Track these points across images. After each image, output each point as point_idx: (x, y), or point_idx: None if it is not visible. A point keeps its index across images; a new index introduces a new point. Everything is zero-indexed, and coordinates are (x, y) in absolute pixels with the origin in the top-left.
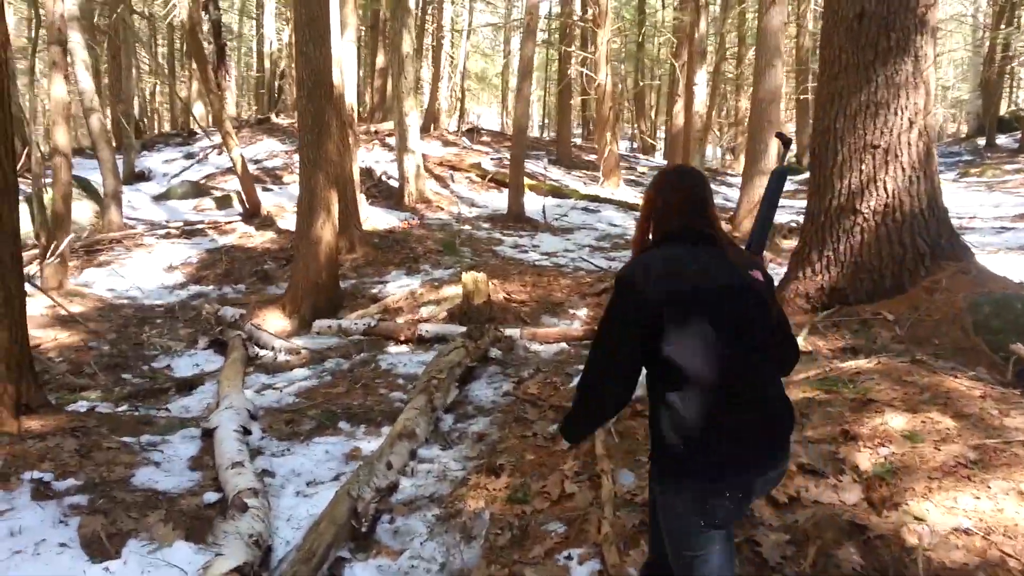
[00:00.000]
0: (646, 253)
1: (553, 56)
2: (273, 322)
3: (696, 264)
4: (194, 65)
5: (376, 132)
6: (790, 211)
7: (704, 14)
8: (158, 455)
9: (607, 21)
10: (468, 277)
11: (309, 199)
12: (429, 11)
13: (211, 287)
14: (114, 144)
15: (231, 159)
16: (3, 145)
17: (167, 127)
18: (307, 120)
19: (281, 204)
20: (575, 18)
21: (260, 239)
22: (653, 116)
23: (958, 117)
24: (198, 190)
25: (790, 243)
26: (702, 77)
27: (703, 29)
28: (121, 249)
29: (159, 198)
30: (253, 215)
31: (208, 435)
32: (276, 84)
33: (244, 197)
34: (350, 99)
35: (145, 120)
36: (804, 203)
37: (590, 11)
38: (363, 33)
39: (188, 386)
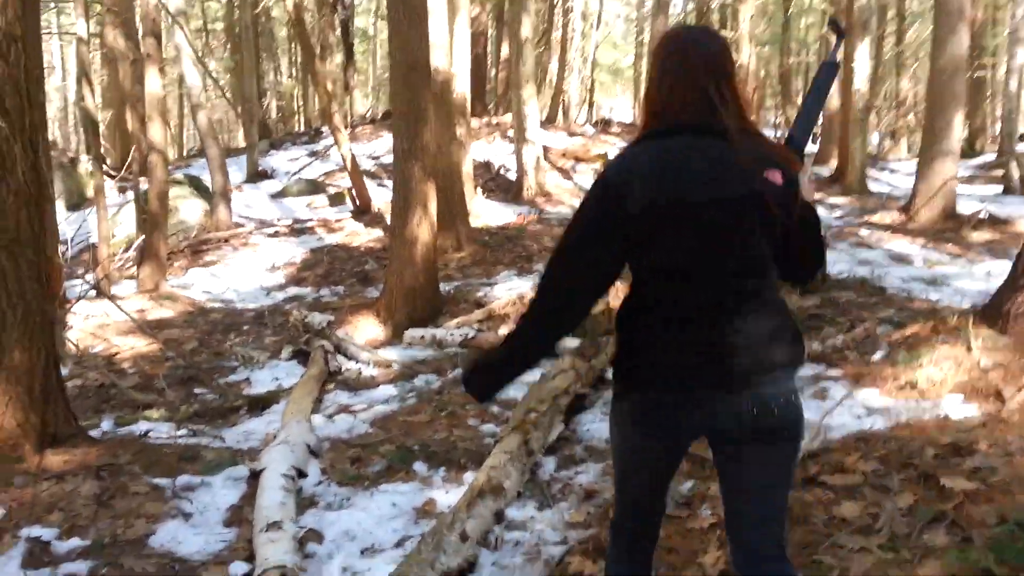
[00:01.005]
0: (637, 146)
1: None
2: (365, 330)
3: (691, 166)
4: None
5: (498, 124)
6: (971, 198)
7: None
8: (190, 504)
9: None
10: None
11: (404, 194)
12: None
13: (309, 289)
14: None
15: (341, 155)
16: (21, 141)
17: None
18: (401, 105)
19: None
20: None
21: (366, 237)
22: (800, 101)
23: None
24: (314, 187)
25: (981, 235)
26: (863, 52)
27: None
28: (228, 248)
29: (276, 196)
30: (363, 212)
31: (256, 476)
32: None
33: (354, 194)
34: (462, 87)
35: (282, 120)
36: (987, 189)
37: None
38: (489, 27)
39: (261, 405)
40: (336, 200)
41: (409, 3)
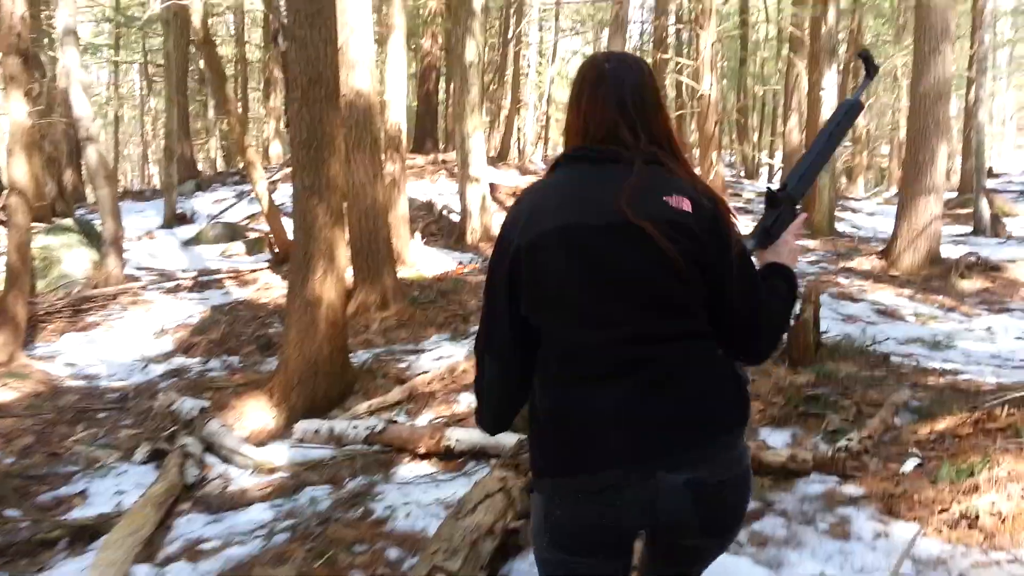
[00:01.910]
0: (538, 181)
1: None
2: (253, 417)
3: (580, 194)
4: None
5: (444, 162)
6: (944, 240)
7: (833, 2)
8: None
9: (712, 21)
10: None
11: (305, 242)
12: (510, 34)
13: (197, 359)
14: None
15: (255, 194)
16: None
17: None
18: (300, 131)
19: None
20: (672, 20)
21: (280, 291)
22: (756, 138)
23: None
24: (232, 233)
25: (971, 283)
26: (831, 80)
27: (832, 21)
28: (116, 307)
29: (188, 243)
30: (283, 261)
31: None
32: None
33: (272, 239)
34: (396, 117)
35: (226, 159)
36: (954, 229)
37: (690, 9)
38: (442, 60)
39: (88, 535)
40: (254, 247)
41: (313, 1)
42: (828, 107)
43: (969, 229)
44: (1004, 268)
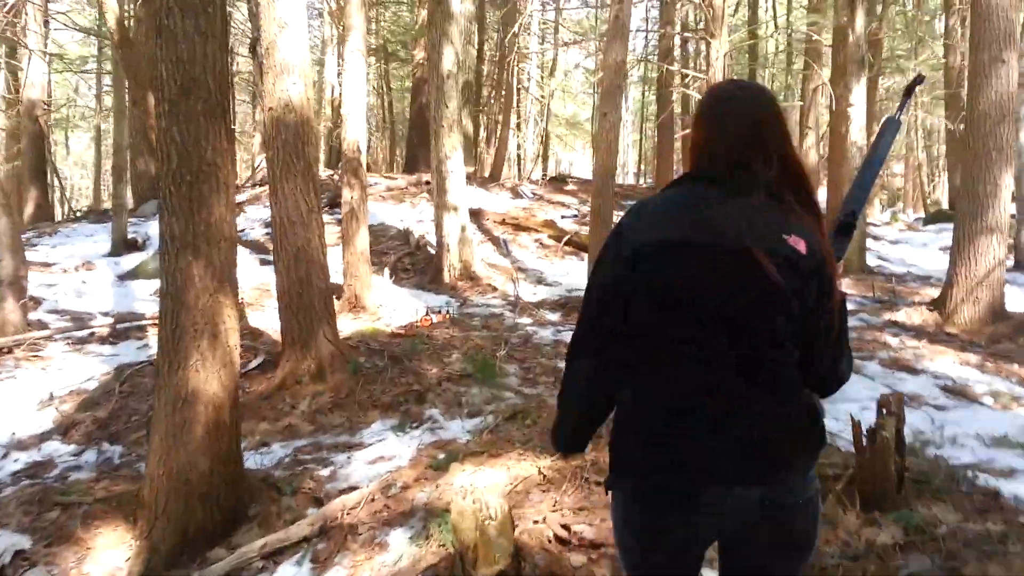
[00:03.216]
0: (655, 195)
1: (651, 99)
2: (102, 561)
3: (694, 211)
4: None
5: (428, 183)
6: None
7: (861, 7)
8: None
9: (723, 30)
10: (463, 509)
11: (173, 314)
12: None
13: (70, 448)
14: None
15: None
16: None
17: None
18: (169, 158)
19: (269, 285)
20: (678, 30)
21: None
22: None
23: None
24: None
25: None
26: (860, 95)
27: (859, 30)
28: (9, 361)
29: (125, 277)
30: None
31: None
32: (336, 133)
33: None
34: (355, 134)
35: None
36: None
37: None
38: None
39: None
40: None
41: None
42: (857, 125)
43: (1012, 262)
44: None
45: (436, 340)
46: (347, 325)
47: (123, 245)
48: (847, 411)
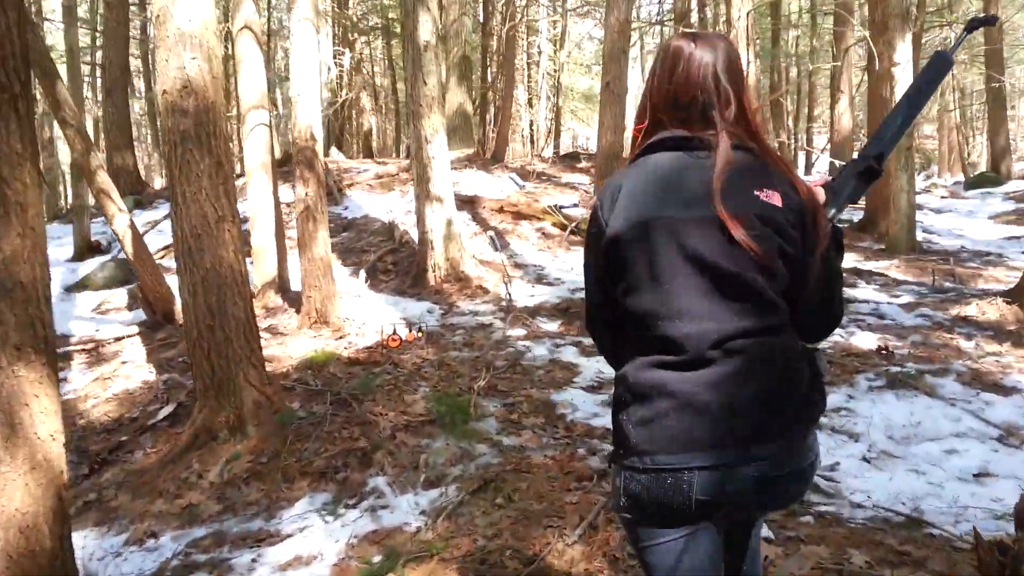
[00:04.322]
0: (626, 168)
1: None
2: None
3: (670, 183)
4: None
5: None
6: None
7: None
8: None
9: None
10: None
11: None
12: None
13: None
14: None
15: (113, 231)
16: None
17: None
18: None
19: None
20: None
21: (136, 381)
22: (791, 123)
23: None
24: (126, 275)
25: None
26: (905, 53)
27: None
28: None
29: (72, 289)
30: (161, 324)
31: None
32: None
33: (142, 293)
34: (307, 118)
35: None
36: None
37: None
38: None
39: None
40: (138, 299)
41: None
42: (903, 86)
43: None
44: None
45: (403, 367)
46: (299, 347)
47: (86, 249)
48: (927, 452)
